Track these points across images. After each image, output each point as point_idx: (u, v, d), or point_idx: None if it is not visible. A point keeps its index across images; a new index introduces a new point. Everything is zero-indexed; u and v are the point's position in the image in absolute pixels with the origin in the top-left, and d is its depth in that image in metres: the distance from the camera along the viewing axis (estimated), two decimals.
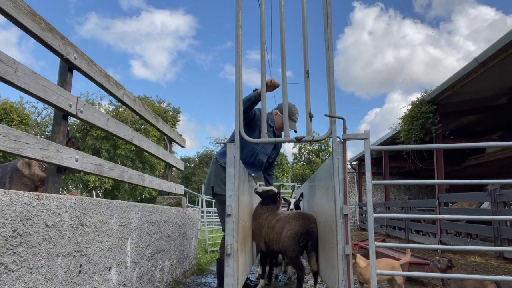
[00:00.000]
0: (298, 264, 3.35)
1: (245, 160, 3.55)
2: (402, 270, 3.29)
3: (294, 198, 4.94)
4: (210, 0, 60.76)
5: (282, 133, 2.62)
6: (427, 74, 58.41)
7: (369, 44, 62.58)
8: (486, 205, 6.85)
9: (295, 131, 3.65)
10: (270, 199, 3.65)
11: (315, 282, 3.51)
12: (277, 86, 3.06)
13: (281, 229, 3.41)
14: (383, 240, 9.37)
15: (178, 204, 4.49)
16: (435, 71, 58.51)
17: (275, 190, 3.64)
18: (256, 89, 3.15)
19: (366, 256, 2.77)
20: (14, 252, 1.61)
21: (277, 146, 3.95)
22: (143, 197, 27.46)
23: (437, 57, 61.44)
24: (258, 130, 3.33)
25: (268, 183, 4.08)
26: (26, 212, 1.68)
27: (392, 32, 62.13)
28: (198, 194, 10.37)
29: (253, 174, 3.74)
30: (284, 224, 3.41)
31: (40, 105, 26.09)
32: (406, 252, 3.57)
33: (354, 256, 3.06)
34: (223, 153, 3.47)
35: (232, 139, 3.36)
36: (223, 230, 3.30)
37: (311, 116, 2.46)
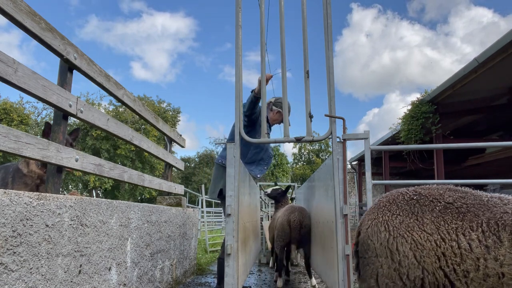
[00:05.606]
0: None
1: (256, 157, 3.54)
2: None
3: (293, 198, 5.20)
4: (210, 3, 60.87)
5: (280, 126, 2.68)
6: (424, 76, 58.41)
7: (367, 45, 62.56)
8: None
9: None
10: (280, 196, 4.50)
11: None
12: (270, 77, 3.26)
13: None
14: None
15: (178, 204, 4.49)
16: (432, 72, 58.48)
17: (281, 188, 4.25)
18: (253, 90, 3.25)
19: None
20: (14, 252, 1.61)
21: (268, 133, 3.78)
22: (143, 197, 27.46)
23: (434, 58, 61.35)
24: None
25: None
26: (26, 212, 1.68)
27: (389, 33, 62.08)
28: (198, 194, 10.35)
29: (258, 175, 3.64)
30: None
31: (40, 105, 26.07)
32: None
33: None
34: None
35: (231, 138, 3.35)
36: None
37: (311, 116, 2.46)
